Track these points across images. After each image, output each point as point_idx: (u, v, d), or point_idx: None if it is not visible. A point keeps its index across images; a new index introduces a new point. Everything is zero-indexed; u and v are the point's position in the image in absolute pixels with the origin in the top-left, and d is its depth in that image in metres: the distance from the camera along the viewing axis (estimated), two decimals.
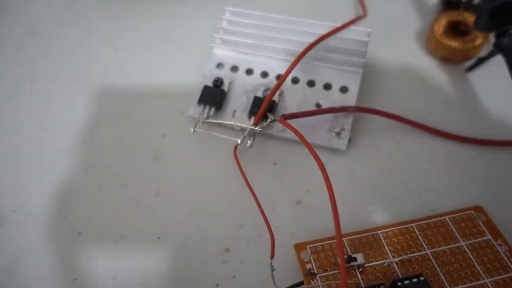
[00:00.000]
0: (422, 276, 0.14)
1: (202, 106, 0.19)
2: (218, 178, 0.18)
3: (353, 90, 0.20)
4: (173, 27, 0.24)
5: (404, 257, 0.15)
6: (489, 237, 0.15)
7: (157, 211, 0.17)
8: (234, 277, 0.15)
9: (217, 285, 0.15)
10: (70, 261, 0.16)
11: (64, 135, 0.20)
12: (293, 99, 0.20)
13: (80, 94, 0.21)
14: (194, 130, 0.19)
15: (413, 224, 0.16)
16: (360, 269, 0.14)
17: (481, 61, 0.20)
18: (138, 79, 0.22)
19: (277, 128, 0.19)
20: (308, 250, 0.15)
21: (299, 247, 0.15)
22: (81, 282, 0.16)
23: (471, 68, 0.21)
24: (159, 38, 0.24)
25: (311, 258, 0.15)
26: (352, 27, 0.20)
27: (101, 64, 0.23)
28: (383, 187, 0.18)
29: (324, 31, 0.20)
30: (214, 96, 0.19)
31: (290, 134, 0.18)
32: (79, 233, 0.17)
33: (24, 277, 0.16)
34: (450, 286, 0.14)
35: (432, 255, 0.15)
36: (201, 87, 0.20)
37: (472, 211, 0.16)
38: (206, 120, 0.19)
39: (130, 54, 0.23)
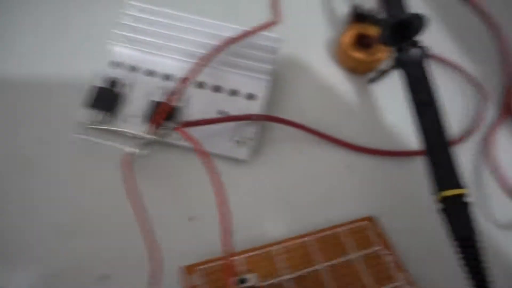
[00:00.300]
0: None
1: (92, 110, 0.17)
2: (102, 191, 0.16)
3: (260, 97, 0.19)
4: (66, 17, 0.21)
5: (299, 272, 0.14)
6: (380, 247, 0.15)
7: (25, 231, 0.15)
8: None
9: None
10: None
11: None
12: (197, 105, 0.18)
13: None
14: (81, 137, 0.16)
15: (308, 238, 0.15)
16: None
17: (382, 73, 0.21)
18: (18, 77, 0.19)
19: (177, 136, 0.17)
20: (198, 271, 0.14)
21: (189, 269, 0.14)
22: None
23: (373, 80, 0.22)
24: (45, 34, 0.21)
25: (202, 280, 0.14)
26: (263, 33, 0.20)
27: None
28: (284, 198, 0.17)
29: (234, 35, 0.19)
30: (107, 99, 0.17)
31: (190, 143, 0.17)
32: None
33: None
34: None
35: (326, 269, 0.14)
36: (92, 88, 0.18)
37: (365, 221, 0.16)
38: (95, 126, 0.17)
39: (12, 49, 0.20)
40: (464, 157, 0.19)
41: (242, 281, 0.13)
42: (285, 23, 0.23)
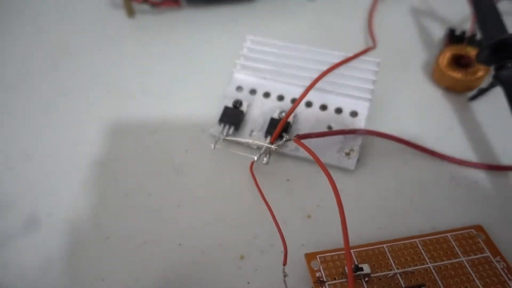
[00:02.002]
0: (424, 286, 0.15)
1: (222, 125, 0.21)
2: (235, 191, 0.19)
3: (362, 114, 0.21)
4: (197, 52, 0.26)
5: (407, 269, 0.16)
6: (488, 254, 0.16)
7: (179, 220, 0.19)
8: (248, 283, 0.17)
9: None
10: (98, 263, 0.17)
11: (95, 146, 0.21)
12: (306, 121, 0.21)
13: (111, 110, 0.23)
14: (214, 147, 0.20)
15: (417, 240, 0.17)
16: (366, 279, 0.15)
17: (482, 91, 0.22)
18: (164, 98, 0.24)
19: (291, 147, 0.20)
20: (318, 259, 0.16)
21: (310, 257, 0.16)
22: (108, 283, 0.17)
23: (473, 98, 0.22)
24: (184, 61, 0.26)
25: (321, 267, 0.16)
26: (362, 57, 0.22)
27: (130, 84, 0.25)
28: (389, 204, 0.19)
29: (337, 60, 0.22)
30: (233, 116, 0.21)
31: (303, 153, 0.19)
32: (107, 237, 0.18)
33: (56, 277, 0.17)
34: None
35: (434, 268, 0.16)
36: (221, 108, 0.22)
37: (472, 230, 0.17)
38: (226, 138, 0.21)
39: (158, 75, 0.25)
40: None
41: (358, 269, 0.15)
42: (382, 47, 0.25)
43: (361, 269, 0.15)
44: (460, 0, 0.25)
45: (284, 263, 0.16)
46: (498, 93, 0.20)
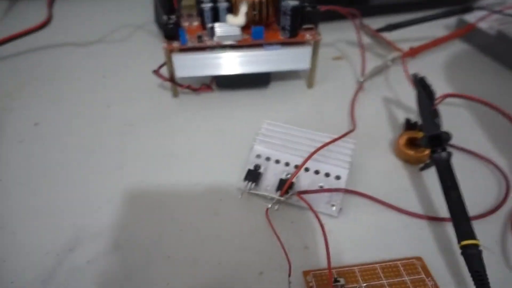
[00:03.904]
0: None
1: (246, 182, 0.30)
2: (255, 228, 0.28)
3: (343, 178, 0.30)
4: (226, 126, 0.36)
5: (370, 283, 0.24)
6: (423, 276, 0.25)
7: (218, 247, 0.27)
8: None
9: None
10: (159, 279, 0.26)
11: (157, 194, 0.30)
12: (305, 181, 0.31)
13: (165, 167, 0.32)
14: (241, 197, 0.29)
15: (377, 265, 0.25)
16: None
17: (427, 165, 0.31)
18: (203, 160, 0.33)
19: (294, 199, 0.29)
20: (311, 275, 0.24)
21: (306, 273, 0.25)
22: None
23: (422, 169, 0.32)
24: (216, 133, 0.36)
25: (313, 280, 0.24)
26: (344, 138, 0.32)
27: (177, 149, 0.34)
28: (361, 241, 0.27)
29: (326, 140, 0.31)
30: (254, 175, 0.30)
31: (303, 204, 0.28)
32: (168, 257, 0.27)
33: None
34: None
35: (387, 284, 0.24)
36: (245, 169, 0.31)
37: (414, 259, 0.26)
38: (248, 191, 0.30)
39: (198, 143, 0.35)
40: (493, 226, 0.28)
41: (336, 281, 0.23)
42: (360, 128, 0.35)
43: (339, 281, 0.23)
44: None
45: (289, 275, 0.24)
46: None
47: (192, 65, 0.37)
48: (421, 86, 0.32)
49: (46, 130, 0.36)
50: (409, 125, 0.34)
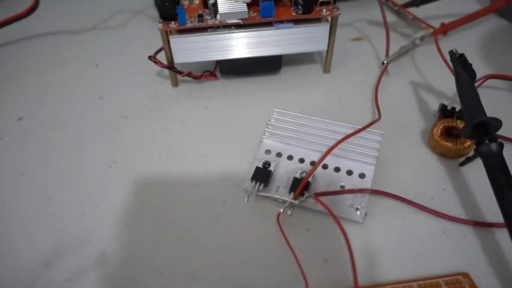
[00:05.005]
0: None
1: (254, 182, 0.26)
2: (265, 237, 0.24)
3: (369, 176, 0.26)
4: (231, 117, 0.32)
5: None
6: None
7: (220, 259, 0.23)
8: None
9: None
10: None
11: (149, 196, 0.26)
12: (323, 181, 0.26)
13: (161, 165, 0.28)
14: (247, 200, 0.25)
15: (414, 283, 0.21)
16: None
17: (469, 159, 0.26)
18: (204, 155, 0.29)
19: (310, 202, 0.25)
20: None
21: None
22: None
23: (463, 164, 0.27)
24: (221, 127, 0.31)
25: None
26: (369, 129, 0.27)
27: (177, 143, 0.30)
28: (392, 252, 0.23)
29: (348, 131, 0.27)
30: (263, 174, 0.26)
31: (320, 207, 0.24)
32: (162, 273, 0.22)
33: None
34: None
35: None
36: (253, 167, 0.27)
37: (460, 276, 0.21)
38: (256, 193, 0.25)
39: (200, 137, 0.30)
40: None
41: None
42: (386, 117, 0.30)
43: None
44: (451, 78, 0.30)
45: None
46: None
47: (192, 49, 0.32)
48: (462, 65, 0.26)
49: (30, 125, 0.32)
50: (446, 112, 0.29)
